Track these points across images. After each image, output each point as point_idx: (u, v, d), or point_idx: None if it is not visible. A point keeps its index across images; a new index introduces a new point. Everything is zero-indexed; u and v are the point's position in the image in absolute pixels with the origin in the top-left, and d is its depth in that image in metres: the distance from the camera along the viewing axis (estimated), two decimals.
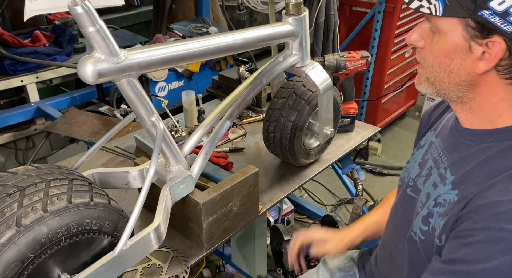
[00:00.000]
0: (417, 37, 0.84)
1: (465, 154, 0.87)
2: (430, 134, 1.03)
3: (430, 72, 0.84)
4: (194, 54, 0.98)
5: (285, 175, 1.53)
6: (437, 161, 0.94)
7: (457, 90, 0.83)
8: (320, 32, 2.55)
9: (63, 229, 0.82)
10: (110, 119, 2.03)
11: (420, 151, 1.04)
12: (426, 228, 0.89)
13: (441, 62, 0.81)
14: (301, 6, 1.16)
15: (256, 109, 1.93)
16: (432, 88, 0.86)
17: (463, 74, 0.80)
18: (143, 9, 3.97)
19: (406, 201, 1.02)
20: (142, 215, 1.25)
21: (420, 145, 1.06)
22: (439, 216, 0.86)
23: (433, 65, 0.82)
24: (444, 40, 0.78)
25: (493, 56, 0.74)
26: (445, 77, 0.82)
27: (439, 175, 0.91)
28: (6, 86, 2.16)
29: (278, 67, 1.24)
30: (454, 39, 0.77)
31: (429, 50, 0.82)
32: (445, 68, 0.81)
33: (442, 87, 0.84)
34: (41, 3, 1.75)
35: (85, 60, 0.83)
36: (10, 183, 0.85)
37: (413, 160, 1.07)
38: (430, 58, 0.82)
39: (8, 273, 0.77)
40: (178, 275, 1.12)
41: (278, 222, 2.48)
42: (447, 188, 0.87)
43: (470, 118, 0.87)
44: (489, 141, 0.83)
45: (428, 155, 0.99)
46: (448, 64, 0.80)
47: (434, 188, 0.91)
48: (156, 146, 0.99)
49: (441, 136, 0.97)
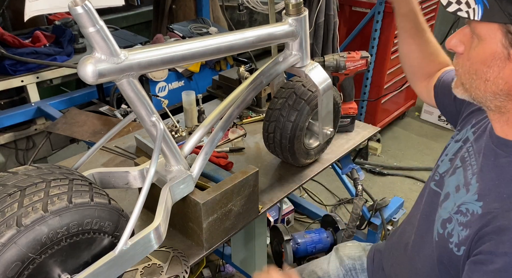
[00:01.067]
0: (457, 42, 0.81)
1: (494, 163, 0.84)
2: (469, 129, 0.98)
3: (466, 79, 0.81)
4: (194, 54, 0.99)
5: (285, 175, 1.53)
6: (465, 162, 0.92)
7: (495, 99, 0.79)
8: (320, 32, 2.55)
9: (64, 229, 0.82)
10: (110, 119, 2.03)
11: (454, 146, 1.00)
12: (442, 231, 0.89)
13: (477, 69, 0.77)
14: (301, 7, 1.16)
15: (256, 109, 1.93)
16: (468, 95, 0.83)
17: (500, 83, 0.76)
18: (143, 9, 3.96)
19: (429, 195, 1.01)
20: (142, 215, 1.25)
21: (458, 139, 1.01)
22: (460, 225, 0.84)
23: (469, 72, 0.79)
24: (482, 46, 0.75)
25: None
26: (481, 85, 0.79)
27: (464, 178, 0.89)
28: (7, 86, 2.16)
29: (278, 67, 1.24)
30: (492, 46, 0.74)
31: (467, 56, 0.79)
32: (481, 76, 0.78)
33: (478, 94, 0.81)
34: (41, 3, 1.75)
35: (85, 60, 0.83)
36: (10, 183, 0.85)
37: (445, 154, 1.03)
38: (467, 65, 0.79)
39: (8, 273, 0.77)
40: (178, 274, 1.12)
41: (278, 222, 2.48)
42: (472, 198, 0.84)
43: (506, 129, 0.83)
44: None
45: (460, 153, 0.96)
46: (485, 72, 0.77)
47: (456, 190, 0.90)
48: (156, 146, 0.99)
49: (476, 136, 0.94)
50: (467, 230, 0.82)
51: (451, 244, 0.86)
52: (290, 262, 2.17)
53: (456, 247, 0.84)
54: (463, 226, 0.84)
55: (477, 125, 0.97)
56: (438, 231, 0.91)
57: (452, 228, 0.86)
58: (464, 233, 0.83)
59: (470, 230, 0.81)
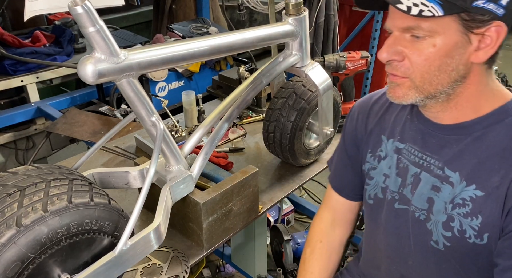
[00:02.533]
0: (395, 51, 0.83)
1: (458, 148, 0.87)
2: (389, 142, 1.00)
3: (424, 79, 0.82)
4: (194, 54, 0.99)
5: (285, 175, 1.53)
6: (422, 165, 0.93)
7: (451, 88, 0.83)
8: (320, 32, 2.55)
9: (63, 229, 0.82)
10: (110, 119, 2.03)
11: (387, 163, 1.01)
12: (450, 234, 0.88)
13: (441, 64, 0.80)
14: (301, 6, 1.16)
15: (256, 109, 1.93)
16: (423, 95, 0.85)
17: (461, 69, 0.80)
18: (143, 9, 3.97)
19: (396, 216, 0.99)
20: (142, 215, 1.25)
21: (381, 157, 1.02)
22: (466, 217, 0.85)
23: (429, 71, 0.81)
24: (441, 41, 0.78)
25: (495, 40, 0.76)
26: (445, 78, 0.81)
27: (435, 177, 0.90)
28: (6, 86, 2.16)
29: (278, 67, 1.24)
30: (453, 37, 0.77)
31: (420, 58, 0.80)
32: (445, 69, 0.80)
33: (438, 89, 0.83)
34: (41, 3, 1.75)
35: (85, 60, 0.83)
36: (10, 183, 0.85)
37: (379, 174, 1.02)
38: (425, 65, 0.80)
39: (8, 273, 0.77)
40: (178, 275, 1.12)
41: (278, 222, 2.48)
42: (461, 186, 0.86)
43: (455, 113, 0.87)
44: (481, 129, 0.85)
45: (404, 162, 0.97)
46: (449, 63, 0.80)
47: (436, 191, 0.90)
48: (156, 146, 0.99)
49: (414, 140, 0.95)
50: (480, 217, 0.83)
51: (470, 239, 0.85)
52: (290, 262, 2.17)
53: (478, 238, 0.84)
54: (470, 216, 0.84)
55: (386, 133, 1.00)
56: (444, 235, 0.89)
57: (459, 224, 0.86)
58: (477, 221, 0.83)
59: (483, 214, 0.82)
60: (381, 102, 1.06)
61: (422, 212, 0.93)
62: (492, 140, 0.84)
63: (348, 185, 1.16)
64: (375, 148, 1.04)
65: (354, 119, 1.11)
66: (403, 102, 0.87)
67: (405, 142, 0.97)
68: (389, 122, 1.02)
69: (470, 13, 0.74)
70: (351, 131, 1.11)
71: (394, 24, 0.82)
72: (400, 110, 1.01)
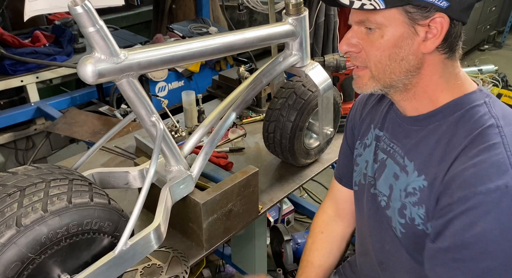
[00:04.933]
0: (352, 43, 0.87)
1: (416, 139, 0.90)
2: (374, 131, 1.05)
3: (378, 69, 0.86)
4: (194, 54, 0.98)
5: (285, 175, 1.53)
6: (389, 152, 0.97)
7: (405, 78, 0.86)
8: (320, 32, 2.55)
9: (63, 229, 0.82)
10: (110, 119, 2.03)
11: (369, 150, 1.06)
12: (403, 221, 0.91)
13: (390, 53, 0.83)
14: (301, 6, 1.16)
15: (256, 109, 1.93)
16: (380, 85, 0.89)
17: (411, 59, 0.83)
18: (143, 9, 3.96)
19: (373, 200, 1.03)
20: (142, 215, 1.25)
21: (366, 144, 1.07)
22: (414, 205, 0.88)
23: (381, 61, 0.85)
24: (389, 32, 0.81)
25: (439, 31, 0.80)
26: (396, 67, 0.85)
27: (397, 164, 0.94)
28: (6, 86, 2.16)
29: (278, 67, 1.24)
30: (398, 28, 0.81)
31: (372, 48, 0.85)
32: (395, 58, 0.84)
33: (393, 78, 0.86)
34: (41, 3, 1.75)
35: (85, 60, 0.83)
36: (10, 183, 0.85)
37: (362, 160, 1.08)
38: (377, 55, 0.85)
39: (8, 273, 0.77)
40: (178, 275, 1.12)
41: (278, 222, 2.48)
42: (414, 176, 0.89)
43: (415, 104, 0.90)
44: (435, 122, 0.88)
45: (378, 149, 1.02)
46: (398, 53, 0.83)
47: (395, 179, 0.94)
48: (156, 146, 0.99)
49: (387, 128, 1.00)
50: (423, 206, 0.86)
51: (418, 226, 0.88)
52: (290, 262, 2.17)
53: (424, 226, 0.87)
54: (417, 205, 0.88)
55: (374, 122, 1.06)
56: (399, 222, 0.92)
57: (410, 212, 0.89)
58: (422, 210, 0.86)
59: (426, 205, 0.86)
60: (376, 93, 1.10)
61: (384, 198, 0.97)
62: (441, 133, 0.87)
63: (347, 173, 1.19)
64: (364, 136, 1.09)
65: (354, 109, 1.16)
66: (364, 92, 0.92)
67: (383, 130, 1.02)
68: (378, 112, 1.06)
69: (414, 6, 0.78)
70: (350, 120, 1.17)
71: (351, 18, 0.86)
72: (385, 100, 1.05)
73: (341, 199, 1.25)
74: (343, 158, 1.22)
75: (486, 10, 5.08)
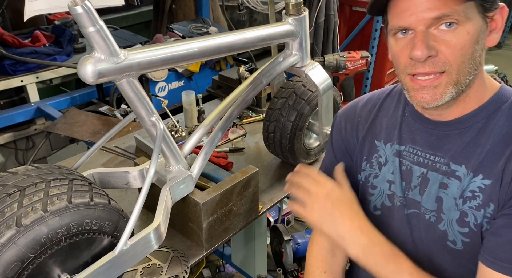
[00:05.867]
0: (429, 47, 0.77)
1: (462, 141, 0.86)
2: (390, 147, 0.97)
3: (459, 71, 0.78)
4: (194, 54, 0.98)
5: (285, 175, 1.51)
6: (427, 164, 0.91)
7: (473, 76, 0.81)
8: (320, 32, 2.55)
9: (63, 229, 0.82)
10: (110, 119, 2.03)
11: (388, 168, 0.97)
12: (467, 229, 0.86)
13: (473, 51, 0.78)
14: (301, 6, 1.16)
15: (256, 109, 1.93)
16: (455, 90, 0.80)
17: (481, 54, 0.80)
18: (143, 9, 3.96)
19: (408, 222, 0.95)
20: (142, 215, 1.25)
21: (382, 163, 0.98)
22: (479, 209, 0.83)
23: (464, 61, 0.78)
24: (472, 27, 0.76)
25: (501, 22, 0.78)
26: (472, 66, 0.79)
27: (443, 174, 0.88)
28: (6, 86, 2.16)
29: (278, 67, 1.24)
30: (477, 21, 0.77)
31: (456, 48, 0.76)
32: (475, 56, 0.79)
33: (468, 79, 0.80)
34: (41, 3, 1.75)
35: (85, 60, 0.83)
36: (10, 183, 0.85)
37: (382, 181, 0.98)
38: (457, 55, 0.77)
39: (8, 273, 0.77)
40: (178, 275, 1.12)
41: (278, 222, 2.48)
42: (468, 179, 0.85)
43: (463, 106, 0.85)
44: (481, 119, 0.85)
45: (407, 164, 0.94)
46: (477, 50, 0.78)
47: (444, 189, 0.88)
48: (156, 146, 0.99)
49: (414, 140, 0.93)
50: (491, 205, 0.82)
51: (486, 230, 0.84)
52: (290, 262, 2.17)
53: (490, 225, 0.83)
54: (482, 207, 0.83)
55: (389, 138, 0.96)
56: (460, 232, 0.87)
57: (474, 218, 0.85)
58: (490, 209, 0.82)
59: (495, 202, 0.82)
60: (369, 107, 1.03)
61: (432, 214, 0.91)
62: (492, 128, 0.84)
63: None
64: (370, 154, 1.00)
65: (342, 129, 1.06)
66: (439, 103, 0.81)
67: (405, 144, 0.94)
68: (382, 127, 0.99)
69: None
70: (340, 143, 1.06)
71: (418, 18, 0.76)
72: (392, 113, 0.98)
73: None
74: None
75: None
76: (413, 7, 0.77)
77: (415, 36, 0.78)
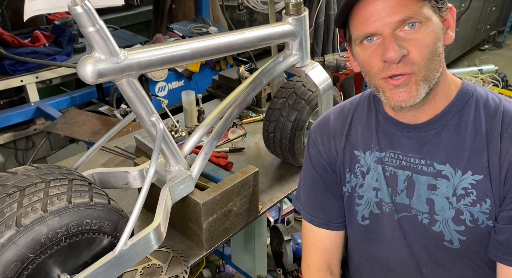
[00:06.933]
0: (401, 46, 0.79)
1: (440, 140, 0.87)
2: (367, 155, 0.97)
3: (428, 67, 0.80)
4: (194, 54, 0.99)
5: (285, 175, 1.53)
6: (411, 167, 0.91)
7: (439, 74, 0.83)
8: (320, 32, 2.55)
9: (63, 229, 0.82)
10: (110, 119, 2.03)
11: (372, 176, 0.97)
12: (463, 228, 0.87)
13: (436, 48, 0.81)
14: (301, 6, 1.16)
15: (256, 109, 1.93)
16: (427, 86, 0.82)
17: (443, 52, 0.83)
18: (143, 9, 3.96)
19: (400, 227, 0.95)
20: (142, 215, 1.25)
21: (364, 172, 0.98)
22: (474, 205, 0.85)
23: (430, 58, 0.80)
24: (433, 25, 0.80)
25: (453, 21, 0.82)
26: (438, 63, 0.82)
27: (428, 175, 0.89)
28: (6, 86, 2.16)
29: (278, 67, 1.24)
30: (436, 20, 0.80)
31: (423, 46, 0.79)
32: (438, 53, 0.82)
33: (436, 76, 0.82)
34: (41, 3, 1.75)
35: (85, 60, 0.83)
36: (10, 183, 0.85)
37: (368, 189, 0.97)
38: (424, 53, 0.79)
39: (8, 273, 0.77)
40: (178, 275, 1.12)
41: (278, 222, 2.48)
42: (457, 177, 0.86)
43: (433, 105, 0.87)
44: (452, 116, 0.87)
45: (390, 170, 0.94)
46: (439, 46, 0.82)
47: (433, 190, 0.89)
48: (156, 146, 0.99)
49: (394, 145, 0.93)
50: (488, 200, 0.84)
51: (483, 224, 0.85)
52: (290, 262, 2.17)
53: (490, 220, 0.85)
54: (477, 203, 0.85)
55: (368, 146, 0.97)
56: (457, 231, 0.88)
57: (469, 215, 0.86)
58: (487, 205, 0.84)
59: (490, 197, 0.83)
60: (341, 119, 1.02)
61: (425, 216, 0.91)
62: (466, 124, 0.86)
63: (333, 215, 1.06)
64: (352, 165, 0.99)
65: (319, 144, 1.04)
66: (416, 101, 0.82)
67: (385, 150, 0.94)
68: (358, 136, 0.99)
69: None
70: (319, 158, 1.04)
71: (383, 22, 0.78)
72: (366, 122, 0.98)
73: (330, 247, 1.08)
74: (322, 202, 1.06)
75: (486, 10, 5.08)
76: (376, 13, 0.79)
77: (384, 40, 0.80)
